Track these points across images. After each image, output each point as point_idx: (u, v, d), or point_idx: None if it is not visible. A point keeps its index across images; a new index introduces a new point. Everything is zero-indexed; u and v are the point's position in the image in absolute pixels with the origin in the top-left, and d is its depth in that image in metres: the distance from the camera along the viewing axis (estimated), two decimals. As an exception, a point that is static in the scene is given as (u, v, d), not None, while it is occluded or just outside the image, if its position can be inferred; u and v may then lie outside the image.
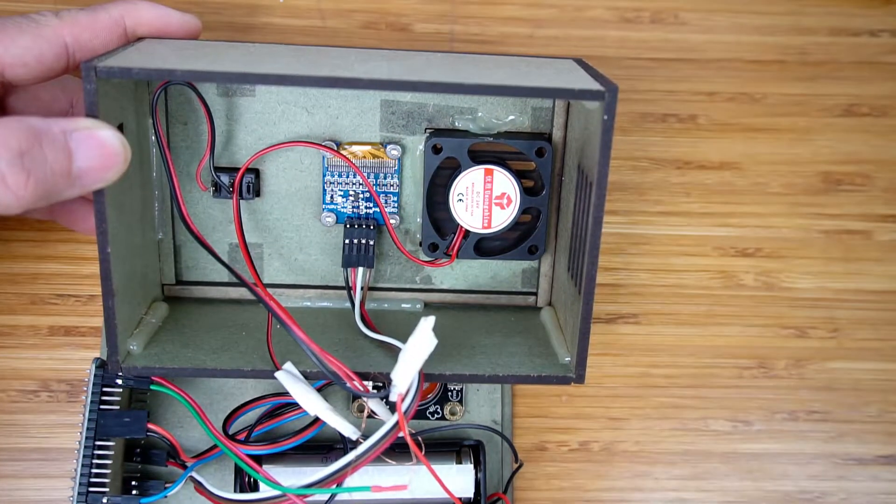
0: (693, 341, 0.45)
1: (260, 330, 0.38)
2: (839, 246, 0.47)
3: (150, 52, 0.34)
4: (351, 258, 0.40)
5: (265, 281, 0.42)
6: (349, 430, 0.35)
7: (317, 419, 0.37)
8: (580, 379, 0.36)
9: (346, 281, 0.41)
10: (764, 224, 0.47)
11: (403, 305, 0.43)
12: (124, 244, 0.35)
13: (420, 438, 0.34)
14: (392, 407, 0.33)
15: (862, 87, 0.49)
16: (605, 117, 0.32)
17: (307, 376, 0.35)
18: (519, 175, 0.39)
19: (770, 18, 0.50)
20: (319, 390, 0.37)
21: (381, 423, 0.34)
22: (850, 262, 0.47)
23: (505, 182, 0.39)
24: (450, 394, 0.42)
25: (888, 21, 0.50)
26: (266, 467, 0.38)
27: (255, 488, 0.39)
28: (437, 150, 0.39)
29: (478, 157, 0.39)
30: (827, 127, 0.49)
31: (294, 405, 0.39)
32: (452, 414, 0.42)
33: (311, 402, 0.35)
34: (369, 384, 0.36)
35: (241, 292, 0.42)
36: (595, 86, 0.33)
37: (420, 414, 0.42)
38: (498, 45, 0.47)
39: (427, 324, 0.33)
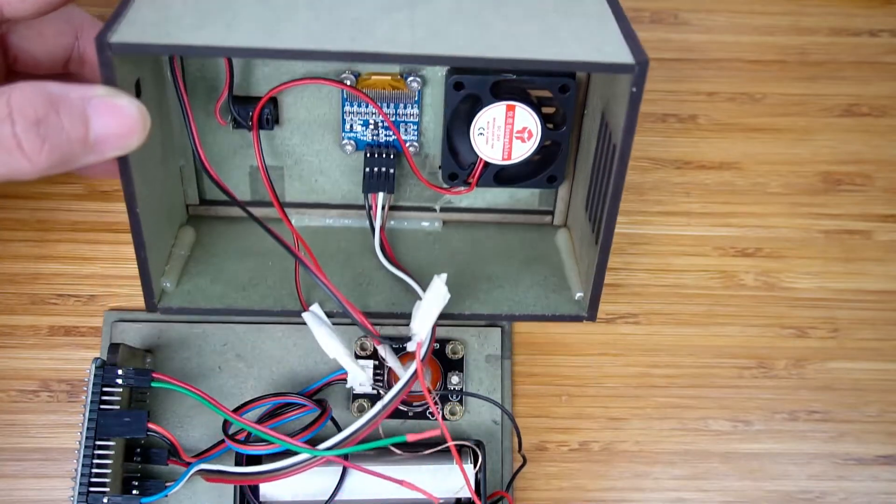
0: (693, 341, 0.45)
1: (285, 258, 0.39)
2: (839, 246, 0.47)
3: (162, 10, 0.32)
4: (371, 184, 0.41)
5: (286, 200, 0.43)
6: (362, 378, 0.37)
7: (316, 420, 0.37)
8: (592, 317, 0.39)
9: (367, 207, 0.42)
10: (764, 224, 0.47)
11: (423, 224, 0.44)
12: (148, 183, 0.35)
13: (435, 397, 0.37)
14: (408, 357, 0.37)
15: (862, 87, 0.49)
16: (634, 89, 0.31)
17: (331, 316, 0.37)
18: (540, 107, 0.39)
19: (770, 18, 0.50)
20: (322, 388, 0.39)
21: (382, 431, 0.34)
22: (850, 262, 0.47)
23: (526, 117, 0.39)
24: (450, 394, 0.42)
25: (888, 21, 0.50)
26: None
27: (255, 489, 0.39)
28: (458, 86, 0.39)
29: (500, 94, 0.39)
30: (827, 127, 0.49)
31: (294, 405, 0.39)
32: (452, 414, 0.42)
33: (331, 345, 0.36)
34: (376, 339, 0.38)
35: (266, 212, 0.42)
36: (624, 57, 0.31)
37: (420, 415, 0.42)
38: (498, 45, 0.47)
39: (440, 280, 0.37)
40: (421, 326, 0.37)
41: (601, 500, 0.43)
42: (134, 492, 0.38)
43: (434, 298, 0.37)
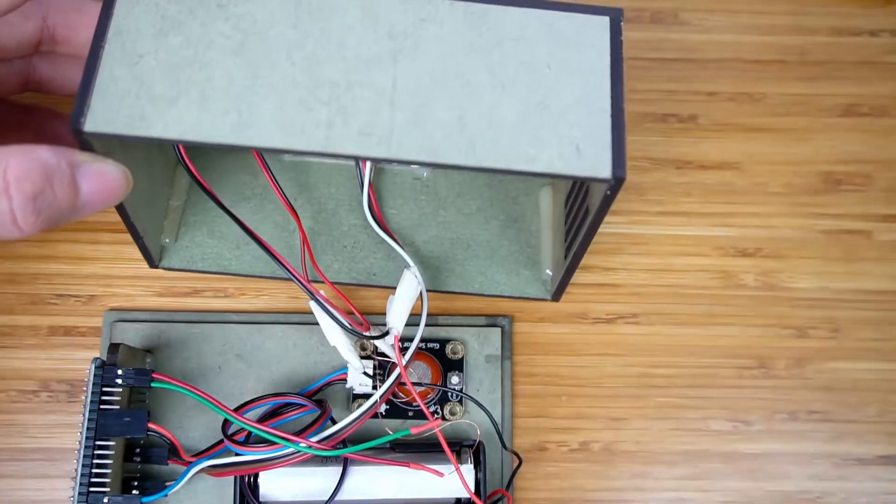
0: (693, 341, 0.45)
1: (278, 204, 0.42)
2: (839, 246, 0.47)
3: (133, 65, 0.31)
4: None
5: None
6: (358, 366, 0.40)
7: (316, 420, 0.38)
8: (556, 299, 0.43)
9: (357, 164, 0.42)
10: (764, 224, 0.47)
11: (412, 166, 0.45)
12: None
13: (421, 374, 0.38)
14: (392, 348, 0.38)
15: (862, 86, 0.49)
16: (608, 193, 0.32)
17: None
18: None
19: (770, 18, 0.50)
20: (322, 388, 0.40)
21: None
22: (850, 262, 0.47)
23: None
24: (450, 394, 0.42)
25: (888, 21, 0.50)
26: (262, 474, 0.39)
27: (255, 489, 0.39)
28: None
29: None
30: (827, 127, 0.49)
31: (294, 405, 0.39)
32: (452, 414, 0.42)
33: (334, 333, 0.39)
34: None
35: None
36: (602, 170, 0.31)
37: (420, 414, 0.42)
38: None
39: (410, 274, 0.39)
40: (396, 320, 0.38)
41: (601, 500, 0.43)
42: (134, 492, 0.38)
43: (406, 291, 0.38)
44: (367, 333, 0.39)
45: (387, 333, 0.39)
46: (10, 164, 0.29)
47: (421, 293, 0.39)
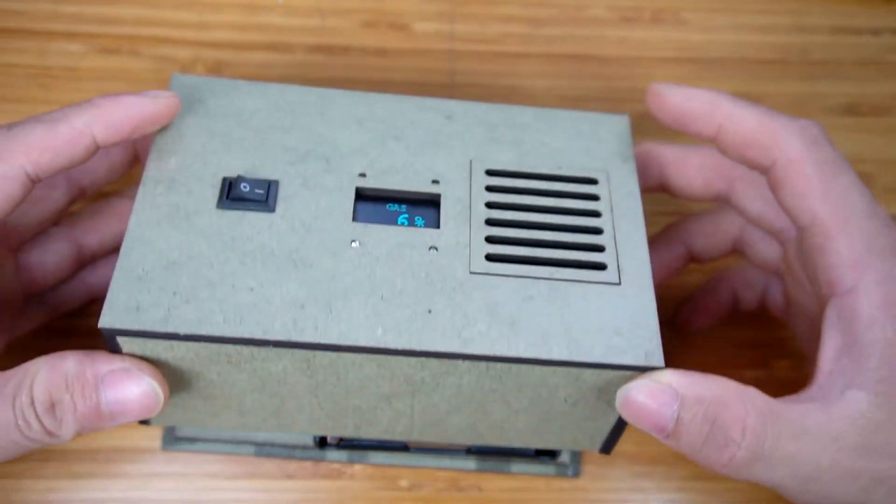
0: (693, 341, 0.45)
1: None
2: (840, 246, 0.47)
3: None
4: None
5: None
6: None
7: None
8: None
9: None
10: (764, 224, 0.47)
11: None
12: None
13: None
14: None
15: (863, 86, 0.49)
16: None
17: None
18: None
19: (771, 18, 0.50)
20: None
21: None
22: (850, 262, 0.46)
23: None
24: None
25: (889, 20, 0.50)
26: None
27: None
28: None
29: None
30: (828, 126, 0.48)
31: None
32: None
33: None
34: None
35: None
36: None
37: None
38: (497, 43, 0.47)
39: None
40: None
41: (601, 500, 0.43)
42: None
43: None
44: None
45: None
46: (36, 378, 0.31)
47: None
